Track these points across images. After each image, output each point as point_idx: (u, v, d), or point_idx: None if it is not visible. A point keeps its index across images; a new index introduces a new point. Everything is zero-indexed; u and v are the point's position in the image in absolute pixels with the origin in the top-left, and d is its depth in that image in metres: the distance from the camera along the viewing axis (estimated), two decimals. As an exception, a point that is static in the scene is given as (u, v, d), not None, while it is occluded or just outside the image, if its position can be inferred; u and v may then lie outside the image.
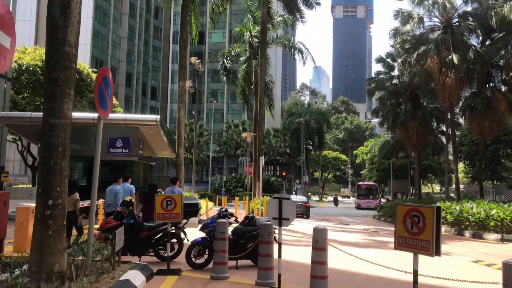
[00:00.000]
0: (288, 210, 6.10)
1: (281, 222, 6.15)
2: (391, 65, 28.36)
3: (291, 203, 6.18)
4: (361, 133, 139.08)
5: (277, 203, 6.16)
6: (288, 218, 6.12)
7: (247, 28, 28.24)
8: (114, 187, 11.23)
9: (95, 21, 62.80)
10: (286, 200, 6.15)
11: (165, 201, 7.44)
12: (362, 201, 49.83)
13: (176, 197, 7.51)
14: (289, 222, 6.18)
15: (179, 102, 18.32)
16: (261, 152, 22.70)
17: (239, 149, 61.05)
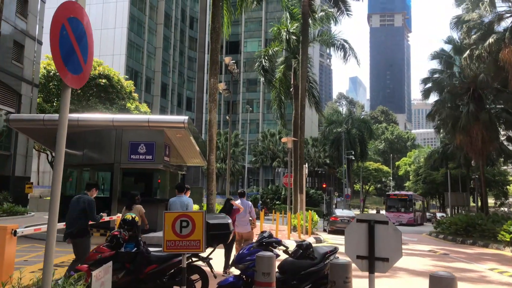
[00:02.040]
0: (388, 244, 3.39)
1: (373, 264, 3.44)
2: (449, 61, 25.09)
3: (393, 231, 3.47)
4: (402, 144, 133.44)
5: (365, 231, 3.47)
6: (387, 258, 3.40)
7: (285, 26, 25.79)
8: (181, 198, 8.93)
9: (130, 31, 62.25)
10: (383, 225, 3.44)
11: (178, 221, 4.89)
12: (391, 214, 41.10)
13: (195, 216, 4.93)
14: (389, 265, 3.45)
15: (210, 101, 15.93)
16: (303, 159, 20.01)
17: (276, 159, 58.36)
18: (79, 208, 6.96)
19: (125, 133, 14.80)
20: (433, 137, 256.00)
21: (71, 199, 7.30)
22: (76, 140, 15.76)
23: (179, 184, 9.41)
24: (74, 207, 7.01)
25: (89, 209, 6.98)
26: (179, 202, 8.86)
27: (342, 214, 24.82)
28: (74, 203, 7.06)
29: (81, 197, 7.12)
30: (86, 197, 7.12)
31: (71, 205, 7.09)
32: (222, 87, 23.51)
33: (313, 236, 16.57)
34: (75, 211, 6.95)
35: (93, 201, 7.14)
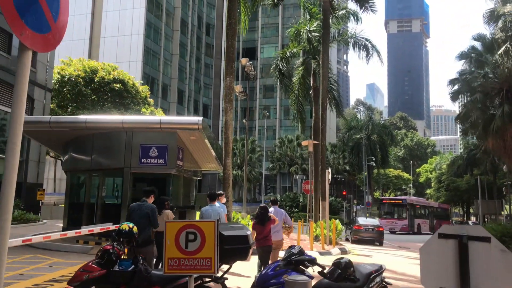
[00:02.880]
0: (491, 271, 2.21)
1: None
2: (479, 60, 23.54)
3: (501, 253, 2.28)
4: (422, 151, 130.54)
5: (453, 252, 2.30)
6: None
7: (304, 24, 24.73)
8: (213, 207, 8.60)
9: (146, 38, 61.98)
10: (482, 243, 2.27)
11: (183, 233, 3.79)
12: (383, 221, 36.84)
13: (204, 226, 3.82)
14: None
15: (226, 102, 14.92)
16: (325, 164, 18.78)
17: (293, 166, 57.04)
18: (143, 216, 6.80)
19: (136, 136, 13.87)
20: (452, 144, 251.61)
21: (131, 208, 7.10)
22: (84, 143, 14.90)
23: (211, 192, 9.01)
24: (138, 215, 6.80)
25: (153, 217, 6.87)
26: (212, 210, 8.42)
27: (366, 222, 23.44)
28: (137, 211, 6.86)
29: (143, 205, 6.95)
30: (149, 204, 7.00)
31: (134, 213, 6.87)
32: (239, 90, 22.51)
33: (337, 247, 15.32)
34: (140, 219, 6.71)
35: (156, 208, 7.12)
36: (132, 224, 5.13)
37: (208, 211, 8.43)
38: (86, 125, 13.80)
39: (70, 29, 65.31)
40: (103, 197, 14.91)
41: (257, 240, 7.98)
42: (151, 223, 6.85)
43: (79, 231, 8.96)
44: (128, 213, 7.10)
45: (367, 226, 22.80)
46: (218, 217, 8.05)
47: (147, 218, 6.79)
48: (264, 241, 8.04)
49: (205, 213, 8.47)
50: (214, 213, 8.31)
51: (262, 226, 8.07)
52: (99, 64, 33.41)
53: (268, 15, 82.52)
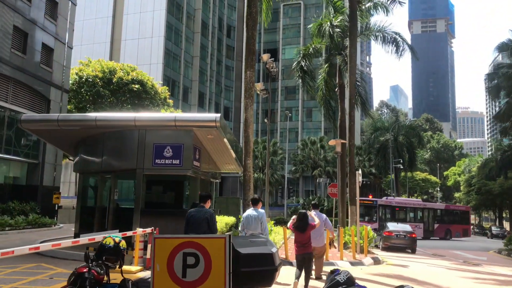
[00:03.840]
0: None
1: None
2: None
3: None
4: (449, 153, 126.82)
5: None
6: None
7: (328, 19, 23.37)
8: (255, 212, 8.35)
9: (167, 40, 61.57)
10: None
11: (179, 254, 2.56)
12: None
13: (210, 244, 2.57)
14: None
15: (246, 98, 13.74)
16: (354, 165, 17.39)
17: (317, 169, 55.40)
18: (202, 222, 6.69)
19: (149, 134, 12.79)
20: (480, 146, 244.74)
21: (189, 214, 6.95)
22: (94, 143, 13.92)
23: (253, 197, 8.94)
24: (198, 221, 6.70)
25: (213, 222, 6.77)
26: (254, 216, 8.19)
27: (397, 228, 21.83)
28: (196, 218, 6.73)
29: (201, 210, 6.82)
30: (207, 210, 6.88)
31: (194, 220, 6.76)
32: (260, 87, 21.31)
33: (369, 256, 13.90)
34: (201, 225, 6.64)
35: (214, 213, 7.02)
36: (119, 237, 3.94)
37: (250, 217, 8.17)
38: (96, 123, 12.80)
39: (91, 32, 65.53)
40: (115, 200, 13.88)
41: (296, 248, 7.87)
42: (210, 229, 6.69)
43: (77, 240, 8.01)
44: (186, 219, 6.90)
45: (398, 232, 21.22)
46: (259, 223, 7.94)
47: (207, 223, 6.63)
48: (304, 248, 7.83)
49: (246, 220, 8.29)
50: (256, 218, 8.03)
51: (302, 233, 7.85)
52: (117, 64, 32.79)
53: (290, 16, 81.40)
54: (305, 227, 7.87)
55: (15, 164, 23.92)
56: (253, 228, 8.12)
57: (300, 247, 7.86)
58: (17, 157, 23.39)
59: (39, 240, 14.49)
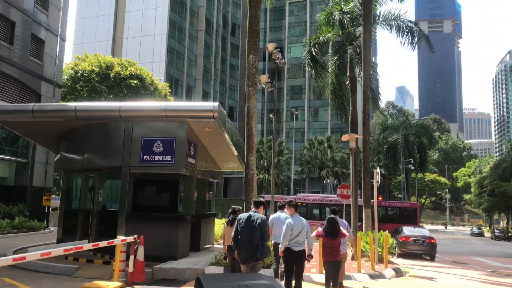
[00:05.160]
0: None
1: None
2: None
3: None
4: (457, 154, 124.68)
5: None
6: None
7: (338, 6, 21.66)
8: (282, 215, 8.41)
9: (170, 38, 60.09)
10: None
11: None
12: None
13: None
14: None
15: (249, 85, 12.02)
16: (369, 164, 15.65)
17: (324, 169, 53.53)
18: (254, 227, 6.41)
19: (137, 127, 11.13)
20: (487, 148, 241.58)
21: (240, 219, 6.65)
22: (75, 138, 12.25)
23: (280, 204, 8.91)
24: (251, 227, 6.42)
25: (265, 228, 6.49)
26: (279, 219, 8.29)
27: (414, 233, 20.02)
28: (248, 223, 6.46)
29: (253, 216, 6.56)
30: (260, 215, 6.59)
31: (246, 225, 6.46)
32: (265, 80, 19.56)
33: (390, 267, 12.12)
34: (254, 231, 6.40)
35: (267, 219, 6.82)
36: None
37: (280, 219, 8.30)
38: (76, 113, 11.16)
39: (93, 30, 64.21)
40: (101, 202, 12.22)
41: (325, 255, 7.59)
42: (263, 235, 6.39)
43: (48, 252, 6.51)
44: (236, 225, 6.58)
45: (416, 237, 19.41)
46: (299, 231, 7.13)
47: (259, 229, 6.35)
48: (333, 256, 7.52)
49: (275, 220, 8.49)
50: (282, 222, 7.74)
51: (332, 240, 7.53)
52: (115, 59, 31.21)
53: (295, 14, 79.73)
54: (337, 234, 7.58)
55: (3, 163, 22.34)
56: (277, 232, 8.05)
57: (328, 254, 7.52)
58: (4, 155, 21.80)
59: (13, 249, 12.84)
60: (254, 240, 6.30)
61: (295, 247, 7.00)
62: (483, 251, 29.15)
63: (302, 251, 7.06)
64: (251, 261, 6.31)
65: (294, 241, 7.01)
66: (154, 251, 10.53)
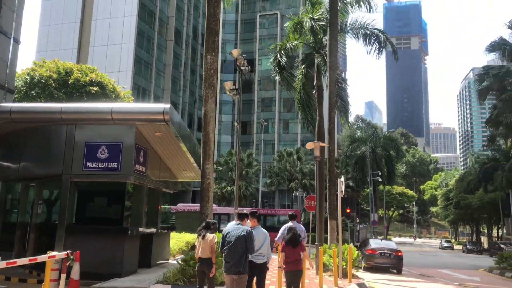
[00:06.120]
0: None
1: None
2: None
3: None
4: (424, 167, 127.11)
5: None
6: None
7: (307, 14, 21.25)
8: (260, 229, 7.19)
9: (137, 47, 58.79)
10: None
11: None
12: None
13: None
14: None
15: (206, 87, 11.23)
16: (335, 174, 15.06)
17: (293, 181, 52.99)
18: (239, 240, 6.31)
19: (80, 130, 10.13)
20: (452, 162, 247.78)
21: (225, 230, 6.51)
22: (11, 144, 11.10)
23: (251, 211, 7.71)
24: (236, 240, 6.32)
25: (250, 240, 6.38)
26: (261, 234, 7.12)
27: (381, 246, 19.49)
28: (233, 236, 6.37)
29: (238, 228, 6.46)
30: (245, 228, 6.51)
31: (231, 238, 6.34)
32: (230, 87, 18.82)
33: (354, 282, 11.40)
34: (239, 244, 6.30)
35: (252, 231, 6.62)
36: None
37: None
38: (12, 115, 10.09)
39: (58, 37, 62.18)
40: (40, 214, 11.07)
41: (287, 264, 7.28)
42: (248, 247, 6.34)
43: None
44: (222, 238, 6.50)
45: (382, 250, 18.86)
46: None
47: (244, 241, 6.30)
48: (295, 265, 7.29)
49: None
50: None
51: (293, 248, 7.30)
52: (75, 65, 29.82)
53: (266, 27, 79.85)
54: (297, 242, 7.34)
55: None
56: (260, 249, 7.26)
57: (290, 263, 7.25)
58: None
59: None
60: (238, 252, 6.25)
61: (257, 259, 6.81)
62: (450, 263, 28.99)
63: (264, 263, 6.95)
64: (233, 273, 6.26)
65: (256, 254, 6.79)
66: (96, 268, 9.52)
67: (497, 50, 20.42)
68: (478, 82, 21.61)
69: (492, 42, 20.21)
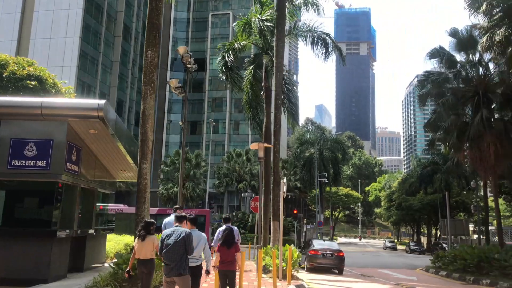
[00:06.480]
0: None
1: None
2: (452, 60, 20.82)
3: None
4: (370, 170, 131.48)
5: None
6: None
7: (255, 14, 21.20)
8: (196, 232, 7.11)
9: (83, 41, 56.49)
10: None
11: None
12: None
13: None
14: None
15: (145, 84, 10.84)
16: (279, 174, 15.06)
17: (242, 182, 52.94)
18: (179, 242, 6.33)
19: (5, 126, 9.43)
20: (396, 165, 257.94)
21: (165, 234, 6.47)
22: None
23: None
24: (176, 242, 6.34)
25: (189, 242, 6.43)
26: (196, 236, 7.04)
27: (323, 247, 19.73)
28: (172, 237, 6.39)
29: (177, 230, 6.47)
30: (184, 229, 6.53)
31: (170, 240, 6.34)
32: (175, 84, 18.38)
33: (293, 283, 11.37)
34: (179, 246, 6.32)
35: (191, 233, 6.62)
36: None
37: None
38: None
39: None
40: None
41: (221, 263, 7.55)
42: (186, 249, 6.40)
43: None
44: (161, 241, 6.52)
45: (325, 251, 19.10)
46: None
47: (183, 243, 6.36)
48: (228, 265, 7.55)
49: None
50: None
51: (228, 250, 7.55)
52: (11, 57, 28.05)
53: (219, 26, 79.41)
54: (232, 243, 7.60)
55: None
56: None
57: (224, 263, 7.52)
58: None
59: None
60: (178, 254, 6.28)
61: (190, 262, 6.72)
62: (390, 263, 29.94)
63: (197, 266, 6.95)
64: (174, 275, 6.29)
65: (189, 257, 6.73)
66: (20, 274, 8.89)
67: (436, 57, 21.30)
68: (419, 88, 22.49)
69: (432, 49, 21.11)
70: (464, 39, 19.74)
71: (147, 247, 6.97)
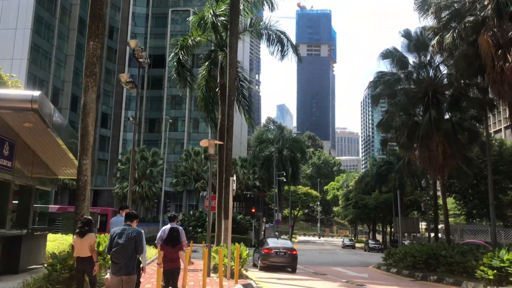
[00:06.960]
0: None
1: None
2: (403, 61, 21.27)
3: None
4: (328, 169, 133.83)
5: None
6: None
7: (210, 8, 20.86)
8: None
9: (35, 34, 54.17)
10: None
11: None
12: None
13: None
14: None
15: (87, 76, 10.34)
16: (231, 172, 14.84)
17: (199, 181, 52.36)
18: (129, 241, 6.25)
19: None
20: (355, 164, 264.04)
21: (113, 232, 6.37)
22: None
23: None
24: (125, 241, 6.25)
25: (140, 241, 6.34)
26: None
27: (277, 245, 19.68)
28: (121, 236, 6.28)
29: (127, 229, 6.38)
30: (135, 229, 6.44)
31: (120, 238, 6.24)
32: (125, 79, 17.73)
33: (241, 282, 11.15)
34: (128, 245, 6.23)
35: (142, 232, 6.55)
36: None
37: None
38: None
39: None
40: None
41: (165, 262, 7.68)
42: (137, 248, 6.28)
43: None
44: (110, 239, 6.32)
45: (278, 249, 19.06)
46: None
47: (134, 242, 6.23)
48: (173, 263, 7.71)
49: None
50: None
51: (172, 249, 7.70)
52: (-49, 47, 26.46)
53: (179, 23, 78.22)
54: (176, 242, 7.76)
55: None
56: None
57: (168, 261, 7.67)
58: None
59: None
60: (127, 253, 6.20)
61: None
62: (344, 260, 30.34)
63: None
64: (123, 274, 6.17)
65: None
66: None
67: (389, 58, 21.72)
68: (372, 88, 22.89)
69: (385, 50, 21.51)
70: (416, 41, 20.27)
71: (86, 244, 6.96)
